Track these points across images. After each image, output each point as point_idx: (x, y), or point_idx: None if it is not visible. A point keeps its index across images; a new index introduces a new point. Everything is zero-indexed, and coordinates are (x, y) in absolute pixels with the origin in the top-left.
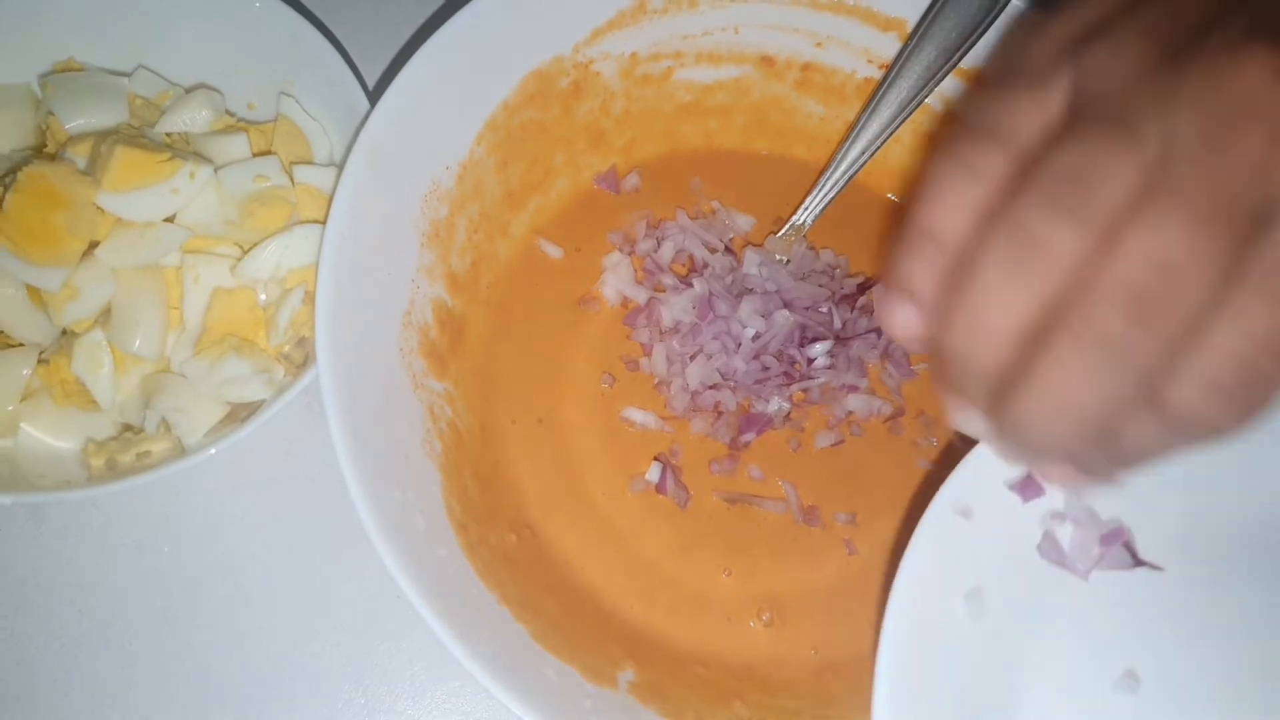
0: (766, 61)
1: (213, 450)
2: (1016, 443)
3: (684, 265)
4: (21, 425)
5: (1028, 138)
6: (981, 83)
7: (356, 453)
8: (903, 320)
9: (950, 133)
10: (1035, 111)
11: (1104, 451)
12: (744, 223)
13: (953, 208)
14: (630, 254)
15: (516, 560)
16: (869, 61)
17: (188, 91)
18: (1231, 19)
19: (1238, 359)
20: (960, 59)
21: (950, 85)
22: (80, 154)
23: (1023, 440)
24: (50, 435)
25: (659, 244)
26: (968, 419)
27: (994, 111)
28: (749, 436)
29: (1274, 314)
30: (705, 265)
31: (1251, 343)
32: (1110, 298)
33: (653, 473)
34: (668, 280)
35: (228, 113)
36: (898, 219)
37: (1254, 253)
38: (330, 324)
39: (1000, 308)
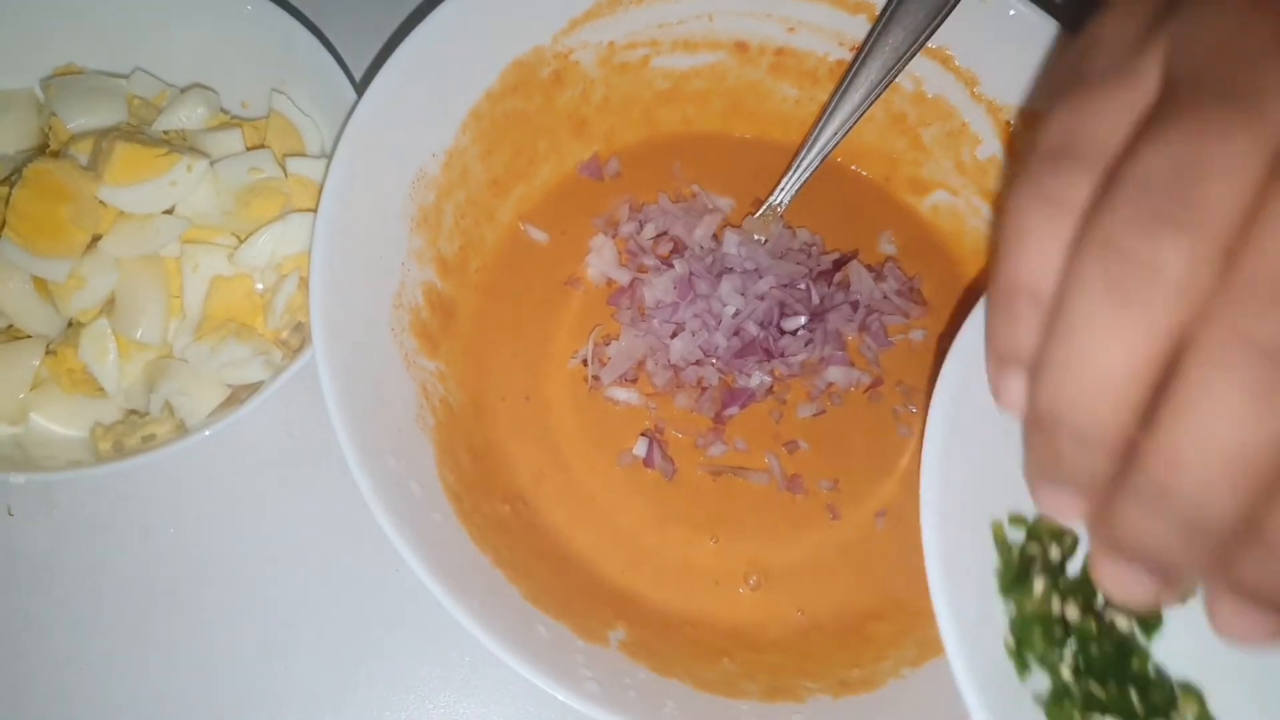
0: (740, 47)
1: (210, 432)
2: (1149, 534)
3: (667, 247)
4: (31, 413)
5: (1117, 144)
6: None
7: (353, 425)
8: (1016, 395)
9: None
10: (1122, 108)
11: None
12: (723, 204)
13: (1041, 252)
14: (613, 237)
15: (509, 529)
16: (840, 44)
17: (183, 91)
18: None
19: None
20: (927, 39)
21: (919, 65)
22: (82, 151)
23: (1159, 523)
24: (59, 423)
25: (641, 226)
26: (1067, 506)
27: (1071, 120)
28: (732, 410)
29: None
30: (686, 246)
31: None
32: (1258, 300)
33: (639, 447)
34: (650, 261)
35: (222, 110)
36: (870, 195)
37: None
38: (324, 305)
39: (1107, 354)
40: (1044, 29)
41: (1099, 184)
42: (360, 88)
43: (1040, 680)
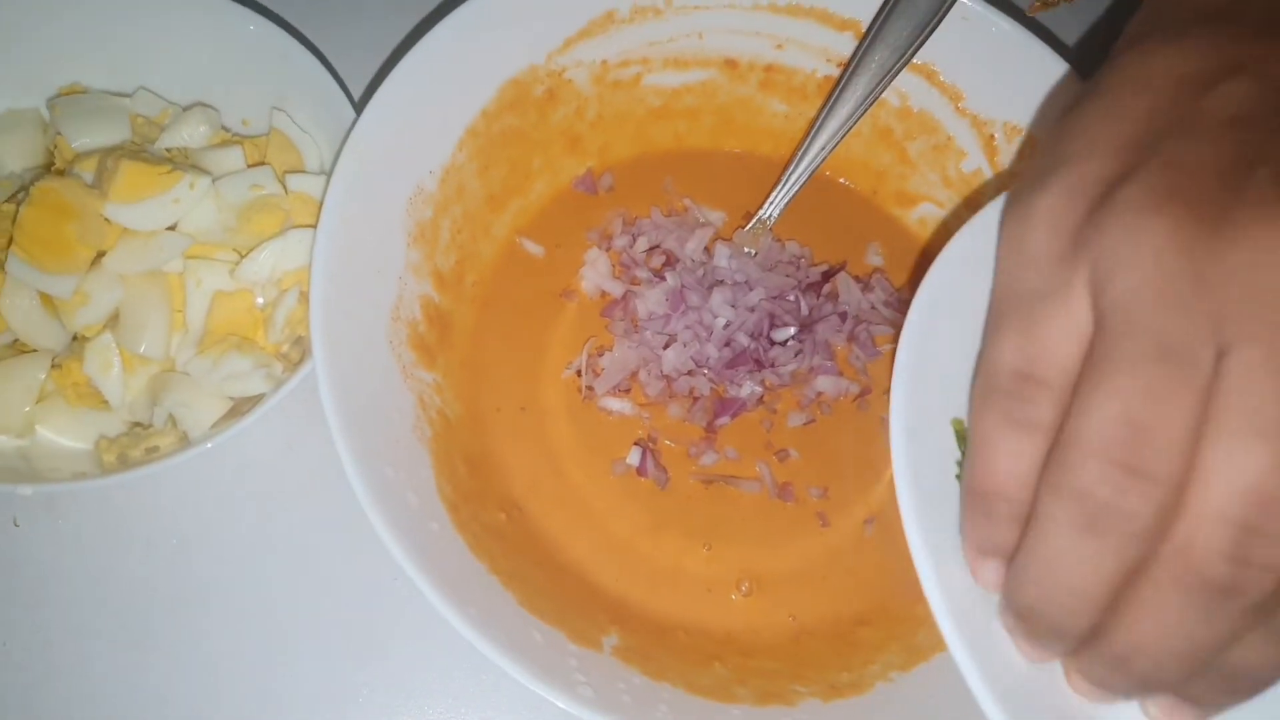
0: (730, 64)
1: (211, 444)
2: (1111, 681)
3: (659, 260)
4: (37, 426)
5: (1067, 365)
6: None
7: (351, 434)
8: (994, 578)
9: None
10: (1066, 337)
11: (1215, 685)
12: (714, 218)
13: (1013, 468)
14: (607, 250)
15: (505, 537)
16: (828, 60)
17: (186, 110)
18: (1261, 167)
19: None
20: (912, 55)
21: (904, 80)
22: (87, 169)
23: (1120, 678)
24: (64, 436)
25: (634, 240)
26: (1047, 659)
27: (1025, 347)
28: (724, 420)
29: None
30: (678, 259)
31: None
32: (1205, 539)
33: (633, 456)
34: (643, 274)
35: (224, 128)
36: (857, 207)
37: None
38: (324, 319)
39: (1078, 573)
40: (1026, 45)
41: (1054, 404)
42: (359, 106)
43: None
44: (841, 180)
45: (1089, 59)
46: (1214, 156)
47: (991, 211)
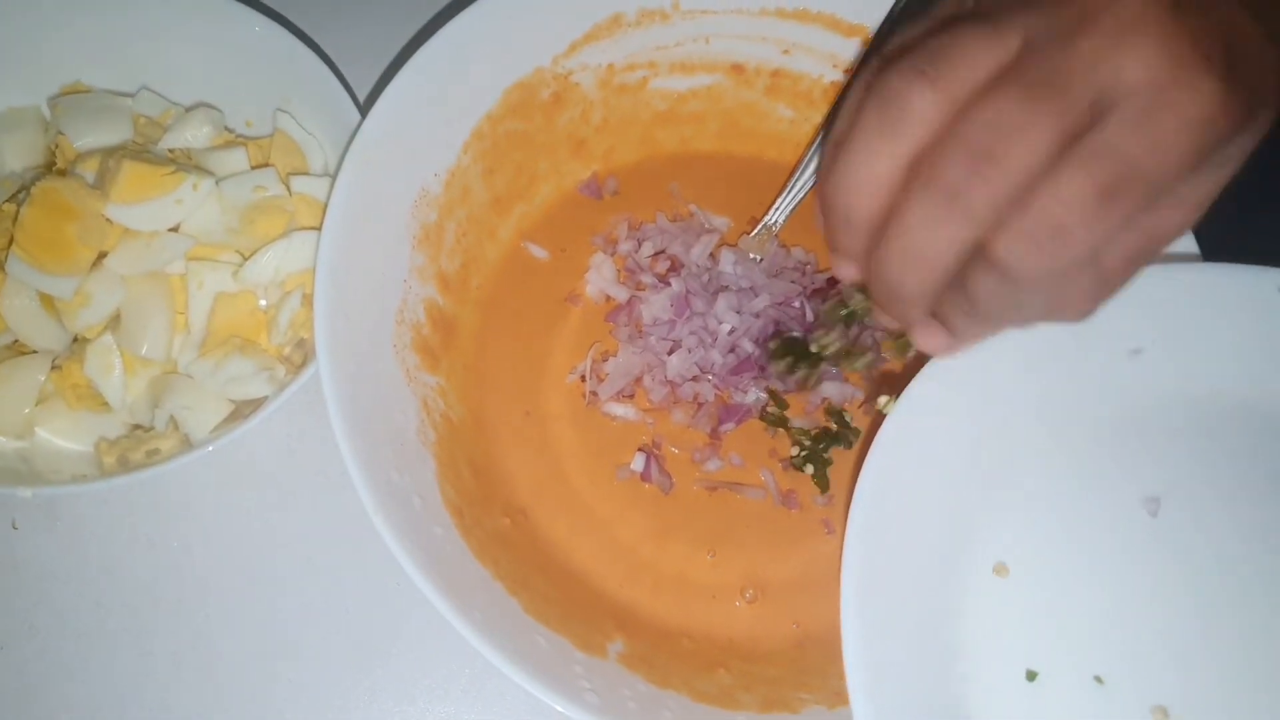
0: (737, 69)
1: (212, 447)
2: (884, 291)
3: (664, 265)
4: (36, 428)
5: (974, 82)
6: None
7: (355, 438)
8: (850, 274)
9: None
10: (985, 56)
11: (959, 306)
12: (719, 223)
13: (876, 176)
14: (612, 254)
15: (510, 542)
16: (834, 66)
17: (188, 110)
18: None
19: (1051, 218)
20: None
21: None
22: (89, 169)
23: (888, 287)
24: (64, 438)
25: (639, 245)
26: (846, 271)
27: (938, 51)
28: (728, 426)
29: (1086, 183)
30: (683, 265)
31: (1065, 207)
32: (954, 153)
33: (637, 462)
34: (647, 279)
35: (227, 129)
36: None
37: (1087, 137)
38: (328, 322)
39: (867, 164)
40: None
41: (942, 122)
42: (364, 108)
43: None
44: None
45: None
46: None
47: (921, 386)
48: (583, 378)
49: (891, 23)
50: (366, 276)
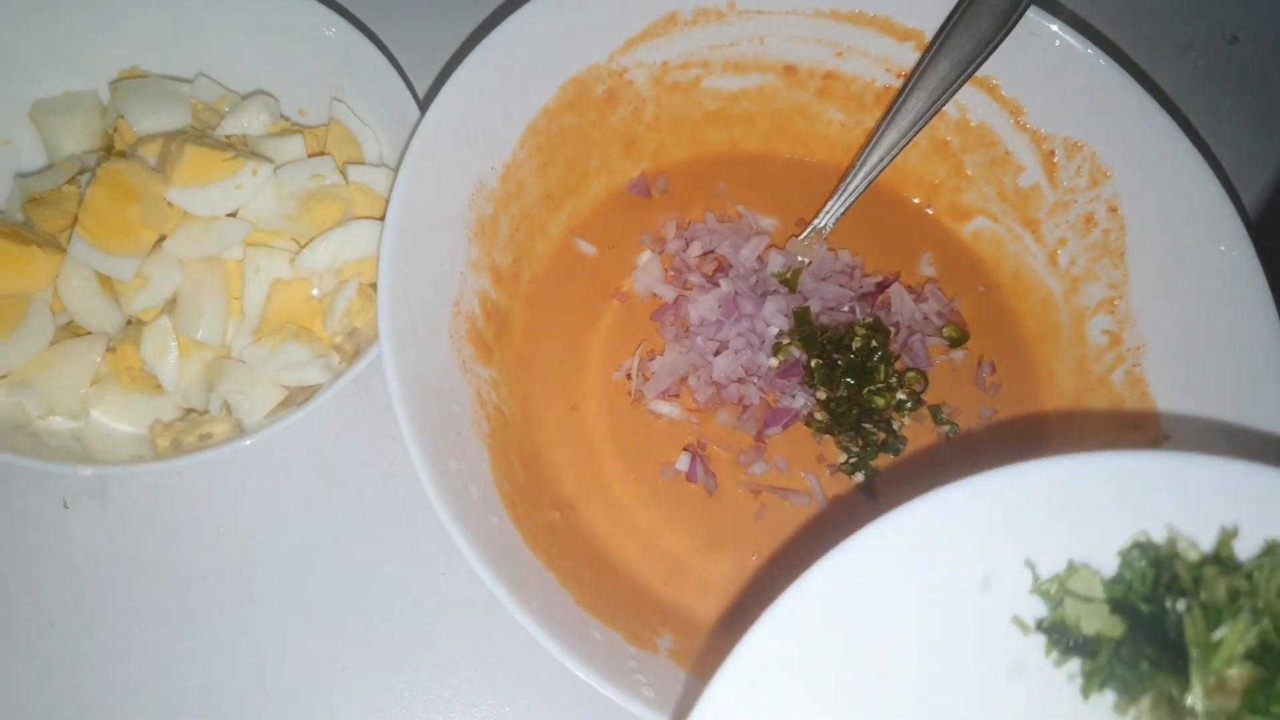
0: (790, 70)
1: (267, 433)
2: None
3: (711, 265)
4: (91, 409)
5: None
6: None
7: (417, 425)
8: None
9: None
10: None
11: None
12: (767, 224)
13: None
14: (660, 253)
15: (559, 535)
16: (887, 70)
17: (245, 98)
18: None
19: None
20: (975, 69)
21: (964, 93)
22: (150, 152)
23: None
24: (116, 419)
25: (687, 244)
26: None
27: None
28: (774, 430)
29: None
30: (731, 265)
31: None
32: None
33: (682, 461)
34: (695, 279)
35: (282, 117)
36: (910, 218)
37: None
38: (391, 311)
39: None
40: (1091, 61)
41: None
42: (425, 101)
43: None
44: (895, 191)
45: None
46: None
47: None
48: (628, 375)
49: (948, 29)
50: (426, 268)
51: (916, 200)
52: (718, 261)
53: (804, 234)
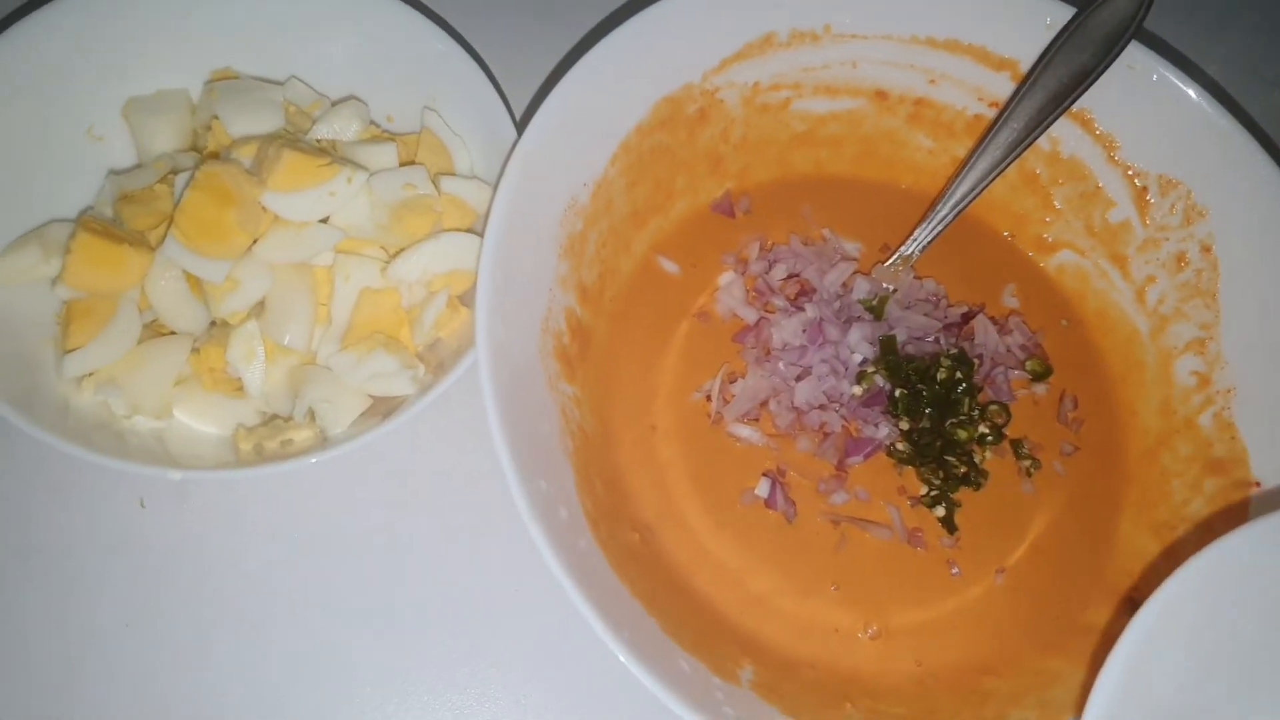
0: (880, 95)
1: (355, 444)
2: None
3: (794, 288)
4: (174, 410)
5: None
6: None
7: (513, 443)
8: None
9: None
10: None
11: None
12: (851, 249)
13: None
14: (743, 274)
15: (640, 558)
16: (979, 99)
17: (337, 104)
18: None
19: None
20: (1071, 103)
21: (1057, 125)
22: (245, 155)
23: None
24: (198, 420)
25: (770, 266)
26: None
27: None
28: (855, 459)
29: None
30: (815, 289)
31: None
32: None
33: (762, 487)
34: (778, 302)
35: (372, 123)
36: (995, 249)
37: None
38: (488, 326)
39: None
40: (1189, 97)
41: None
42: (524, 117)
43: None
44: (980, 220)
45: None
46: None
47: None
48: (708, 397)
49: (1046, 61)
50: (520, 285)
51: (1004, 232)
52: (801, 285)
53: (890, 260)
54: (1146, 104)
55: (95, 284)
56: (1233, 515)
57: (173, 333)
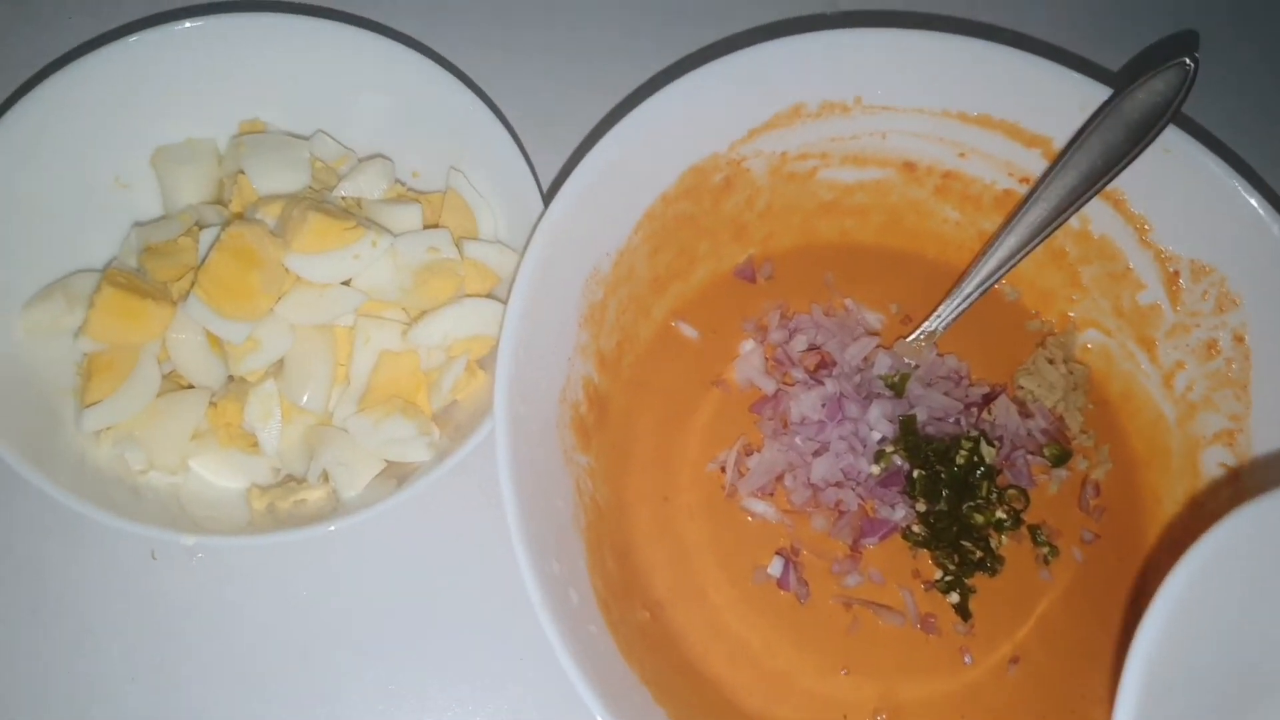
0: (909, 167)
1: (372, 512)
2: None
3: (814, 360)
4: (190, 464)
5: None
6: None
7: (526, 525)
8: None
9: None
10: None
11: None
12: (873, 319)
13: None
14: (762, 342)
15: (649, 637)
16: (1009, 174)
17: (363, 160)
18: None
19: None
20: (1105, 185)
21: (1088, 205)
22: (270, 215)
23: None
24: (214, 475)
25: (790, 336)
26: None
27: None
28: (871, 540)
29: None
30: (835, 362)
31: None
32: None
33: (775, 566)
34: (797, 374)
35: (397, 181)
36: (1020, 325)
37: None
38: (508, 400)
39: None
40: (1225, 183)
41: None
42: (552, 186)
43: None
44: (1006, 299)
45: None
46: None
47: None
48: (723, 468)
49: (1080, 141)
50: (539, 356)
51: (1028, 307)
52: (821, 357)
53: (913, 336)
54: (1181, 188)
55: (117, 336)
56: None
57: (190, 385)
